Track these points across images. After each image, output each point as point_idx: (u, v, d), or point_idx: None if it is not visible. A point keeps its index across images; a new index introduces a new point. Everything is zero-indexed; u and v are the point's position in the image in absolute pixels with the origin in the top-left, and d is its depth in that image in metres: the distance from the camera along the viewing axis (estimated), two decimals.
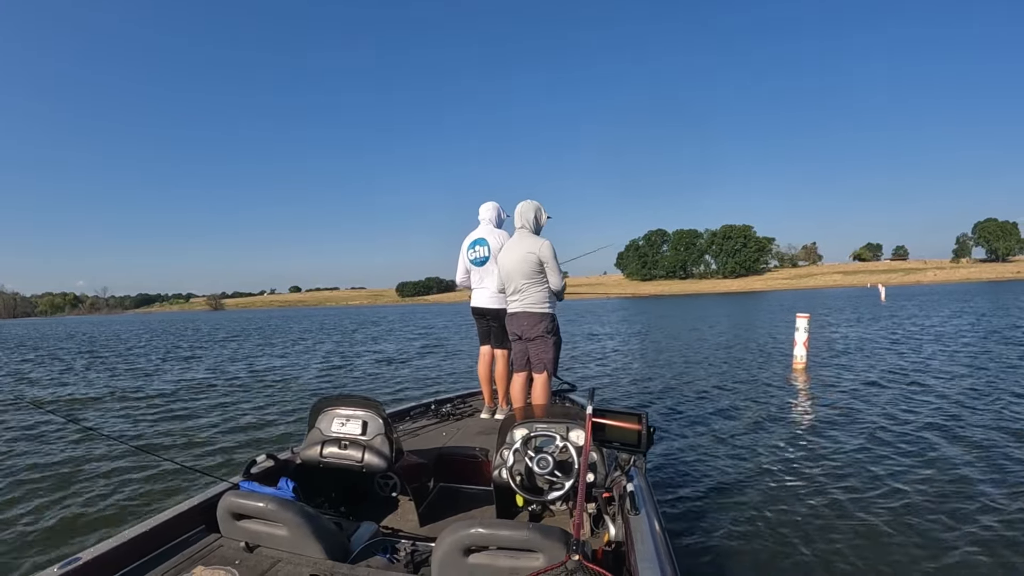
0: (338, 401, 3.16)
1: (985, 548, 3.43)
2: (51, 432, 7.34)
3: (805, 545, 3.59)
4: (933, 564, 3.32)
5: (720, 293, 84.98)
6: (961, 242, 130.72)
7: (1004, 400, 6.85)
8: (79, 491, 5.09)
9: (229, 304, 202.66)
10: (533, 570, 1.82)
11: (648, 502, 2.49)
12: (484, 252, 4.56)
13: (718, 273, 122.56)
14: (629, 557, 2.13)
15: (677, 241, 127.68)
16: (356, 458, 2.95)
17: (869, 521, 3.85)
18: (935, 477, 4.58)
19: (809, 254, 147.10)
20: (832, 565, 3.37)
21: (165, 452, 6.23)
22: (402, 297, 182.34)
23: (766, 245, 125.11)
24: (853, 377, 8.99)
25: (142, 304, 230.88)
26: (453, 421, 4.55)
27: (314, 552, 2.30)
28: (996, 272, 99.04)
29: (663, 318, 28.22)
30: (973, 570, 3.24)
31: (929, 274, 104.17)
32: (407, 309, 79.59)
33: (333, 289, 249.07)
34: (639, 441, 2.55)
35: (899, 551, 3.47)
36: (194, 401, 9.58)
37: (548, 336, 4.04)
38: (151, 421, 8.13)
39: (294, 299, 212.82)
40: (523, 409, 3.41)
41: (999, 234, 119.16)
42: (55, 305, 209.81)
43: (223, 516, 2.42)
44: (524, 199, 4.16)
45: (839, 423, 6.22)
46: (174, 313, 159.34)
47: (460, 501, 3.41)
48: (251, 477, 2.84)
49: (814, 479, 4.64)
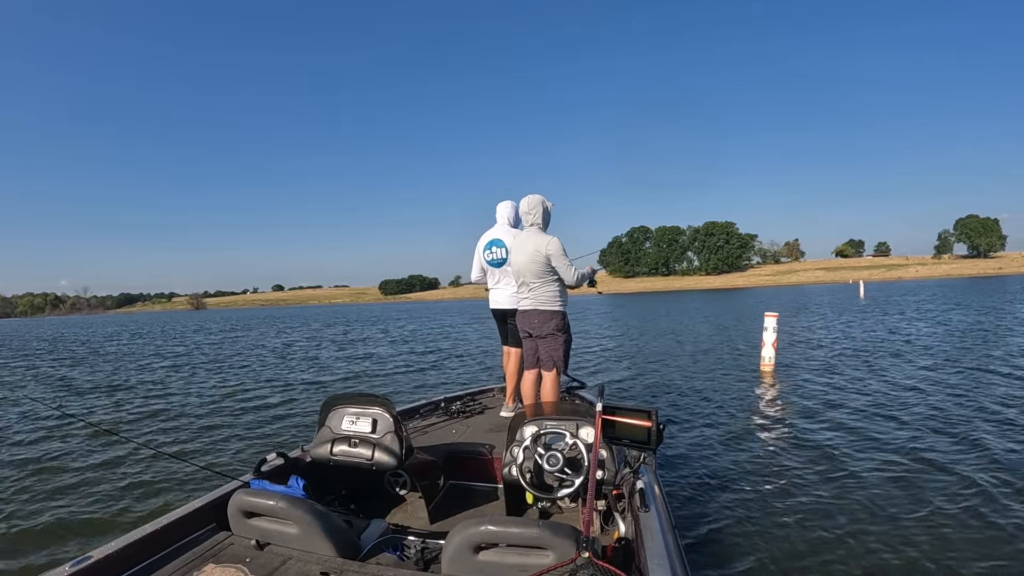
0: (348, 399, 3.16)
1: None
2: (61, 432, 7.31)
3: (812, 543, 3.61)
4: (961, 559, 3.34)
5: (703, 290, 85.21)
6: (943, 238, 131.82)
7: (978, 399, 6.96)
8: (91, 490, 5.09)
9: (211, 303, 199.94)
10: (543, 567, 1.83)
11: (658, 499, 2.49)
12: (502, 254, 4.54)
13: (701, 270, 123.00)
14: (639, 554, 2.13)
15: (660, 238, 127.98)
16: (366, 456, 2.96)
17: (876, 517, 3.89)
18: (937, 476, 4.60)
19: (792, 251, 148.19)
20: (841, 562, 3.38)
21: (176, 451, 6.21)
22: (385, 295, 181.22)
23: (748, 242, 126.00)
24: (823, 379, 8.73)
25: (124, 304, 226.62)
26: (463, 419, 4.53)
27: (324, 550, 2.30)
28: (978, 268, 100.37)
29: (640, 317, 28.15)
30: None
31: (911, 270, 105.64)
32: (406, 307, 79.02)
33: (316, 287, 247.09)
34: (649, 438, 2.56)
35: (915, 551, 3.46)
36: (204, 401, 9.54)
37: (559, 334, 4.03)
38: (162, 421, 8.10)
39: (276, 298, 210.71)
40: (533, 406, 3.43)
41: (981, 230, 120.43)
42: (35, 306, 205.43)
43: (234, 514, 2.42)
44: (518, 195, 4.17)
45: (811, 425, 6.22)
46: (156, 313, 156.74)
47: (470, 498, 3.42)
48: (261, 475, 2.85)
49: (814, 476, 4.68)
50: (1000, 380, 7.95)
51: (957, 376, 8.40)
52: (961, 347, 11.35)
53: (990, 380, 8.01)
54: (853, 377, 8.80)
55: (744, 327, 18.59)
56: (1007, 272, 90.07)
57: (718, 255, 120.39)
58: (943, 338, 13.04)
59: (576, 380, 5.00)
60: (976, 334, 13.40)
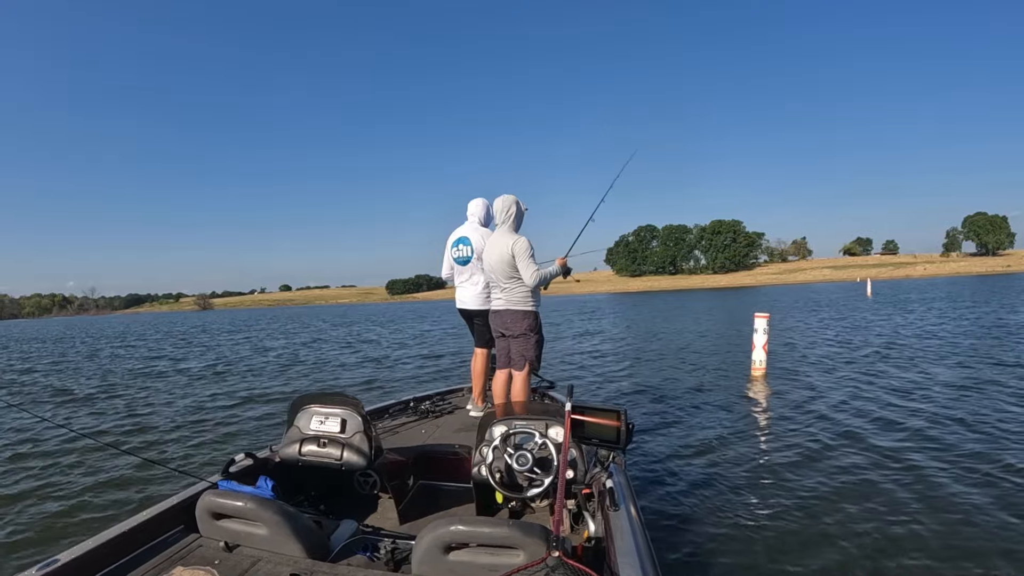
0: (317, 399, 3.15)
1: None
2: (23, 430, 7.24)
3: (778, 538, 3.65)
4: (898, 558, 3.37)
5: (709, 288, 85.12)
6: (951, 236, 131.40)
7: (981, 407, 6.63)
8: (56, 492, 5.04)
9: (218, 304, 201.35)
10: (513, 567, 1.82)
11: (628, 498, 2.50)
12: (467, 252, 4.53)
13: (708, 268, 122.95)
14: (609, 553, 2.13)
15: (666, 236, 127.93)
16: (335, 456, 2.94)
17: (838, 519, 3.91)
18: (897, 472, 4.68)
19: (799, 249, 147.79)
20: (807, 559, 3.41)
21: (143, 451, 6.18)
22: (392, 295, 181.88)
23: (756, 240, 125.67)
24: (815, 385, 8.26)
25: (132, 304, 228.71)
26: (432, 418, 4.55)
27: (294, 551, 2.28)
28: (986, 266, 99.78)
29: (640, 316, 28.10)
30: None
31: (919, 268, 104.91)
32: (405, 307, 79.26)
33: (323, 287, 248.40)
34: (618, 437, 2.54)
35: (872, 544, 3.53)
36: (171, 400, 9.47)
37: (531, 334, 4.06)
38: (128, 421, 8.03)
39: (283, 298, 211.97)
40: (503, 406, 3.41)
41: (989, 228, 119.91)
42: (42, 306, 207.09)
43: (202, 516, 2.40)
44: (509, 193, 4.13)
45: (792, 430, 6.08)
46: (162, 313, 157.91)
47: (440, 498, 3.41)
48: (230, 476, 2.81)
49: (786, 478, 4.70)
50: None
51: (971, 384, 7.75)
52: (973, 349, 10.89)
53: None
54: (849, 384, 8.27)
55: (748, 328, 18.27)
56: (1015, 270, 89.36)
57: (725, 254, 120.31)
58: (952, 340, 12.62)
59: (546, 380, 5.01)
60: (989, 335, 13.03)
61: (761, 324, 9.37)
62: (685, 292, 73.65)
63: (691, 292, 72.24)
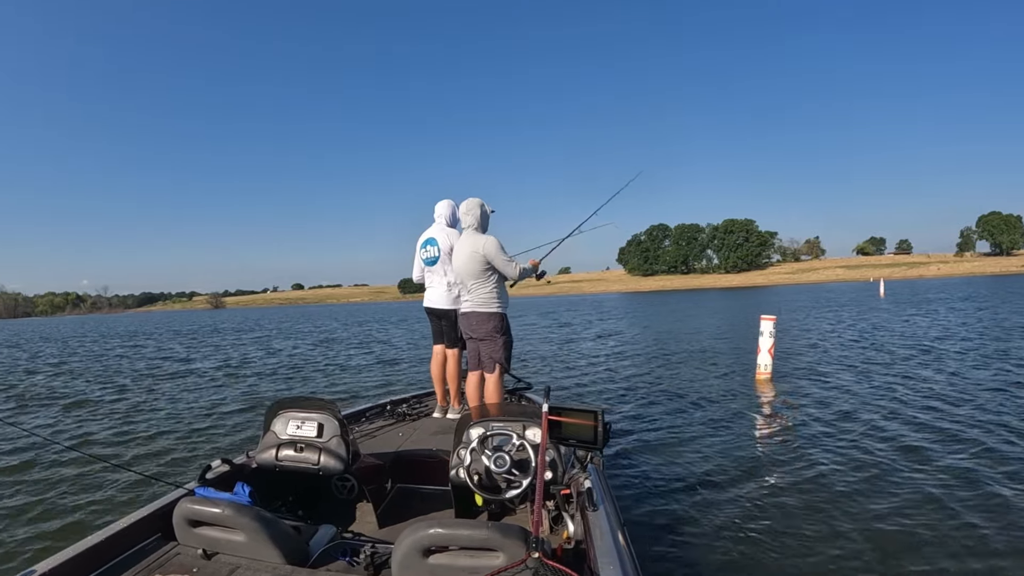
0: (293, 403, 3.15)
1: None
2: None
3: (756, 538, 3.67)
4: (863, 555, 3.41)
5: (721, 288, 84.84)
6: (965, 236, 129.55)
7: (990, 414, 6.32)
8: (28, 501, 4.94)
9: (230, 302, 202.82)
10: (493, 569, 1.83)
11: (606, 499, 2.53)
12: (435, 252, 4.62)
13: (720, 268, 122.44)
14: (589, 553, 2.15)
15: (679, 236, 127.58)
16: (312, 461, 2.93)
17: (820, 519, 3.93)
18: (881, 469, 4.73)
19: (812, 248, 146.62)
20: (785, 560, 3.42)
21: (117, 459, 6.13)
22: (404, 294, 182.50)
23: (768, 239, 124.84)
24: (823, 392, 7.88)
25: (144, 303, 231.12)
26: (409, 422, 4.59)
27: (273, 557, 2.29)
28: (1000, 266, 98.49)
29: (644, 316, 27.94)
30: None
31: (933, 268, 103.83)
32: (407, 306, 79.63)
33: (336, 286, 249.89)
34: (595, 438, 2.55)
35: (847, 543, 3.57)
36: (146, 406, 9.28)
37: (498, 336, 4.10)
38: (102, 427, 7.87)
39: (295, 296, 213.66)
40: (479, 408, 3.42)
41: (1003, 227, 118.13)
42: (55, 305, 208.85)
43: (179, 523, 2.41)
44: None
45: (795, 437, 5.89)
46: (174, 312, 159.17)
47: (418, 502, 3.42)
48: (207, 483, 2.82)
49: (767, 480, 4.72)
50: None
51: (984, 392, 7.35)
52: (987, 353, 10.47)
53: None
54: (858, 391, 7.82)
55: (756, 330, 18.10)
56: None
57: (737, 253, 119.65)
58: (967, 343, 12.14)
59: (523, 381, 5.04)
60: (1003, 337, 12.68)
61: (767, 327, 8.97)
62: (697, 291, 73.47)
63: (703, 291, 72.05)
